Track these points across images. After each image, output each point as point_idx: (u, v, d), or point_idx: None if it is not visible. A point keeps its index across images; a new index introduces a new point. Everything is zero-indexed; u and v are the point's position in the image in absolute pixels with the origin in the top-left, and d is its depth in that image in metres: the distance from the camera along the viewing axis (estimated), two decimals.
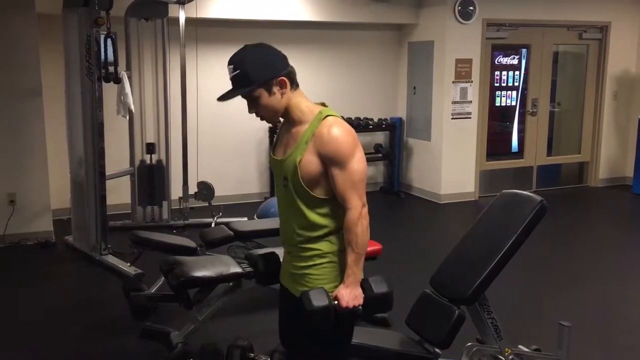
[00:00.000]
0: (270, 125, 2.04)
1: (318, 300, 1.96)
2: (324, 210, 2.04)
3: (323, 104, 2.09)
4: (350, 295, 2.00)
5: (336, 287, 2.05)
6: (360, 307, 2.03)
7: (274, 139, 2.21)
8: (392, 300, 2.12)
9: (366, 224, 2.02)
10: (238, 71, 1.98)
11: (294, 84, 2.04)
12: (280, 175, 2.08)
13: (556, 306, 4.16)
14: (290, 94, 2.03)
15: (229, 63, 2.01)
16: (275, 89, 1.99)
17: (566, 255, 5.37)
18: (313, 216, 2.04)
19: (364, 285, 2.06)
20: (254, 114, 2.07)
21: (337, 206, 2.04)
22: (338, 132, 1.98)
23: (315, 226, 2.05)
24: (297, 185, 2.01)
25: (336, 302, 1.99)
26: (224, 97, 2.04)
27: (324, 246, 2.06)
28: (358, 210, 1.99)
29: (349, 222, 2.00)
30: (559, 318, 3.09)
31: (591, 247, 5.66)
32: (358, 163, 2.00)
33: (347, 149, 1.98)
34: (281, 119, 2.13)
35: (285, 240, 2.18)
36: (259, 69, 1.97)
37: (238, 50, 2.03)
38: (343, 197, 1.99)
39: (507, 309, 3.66)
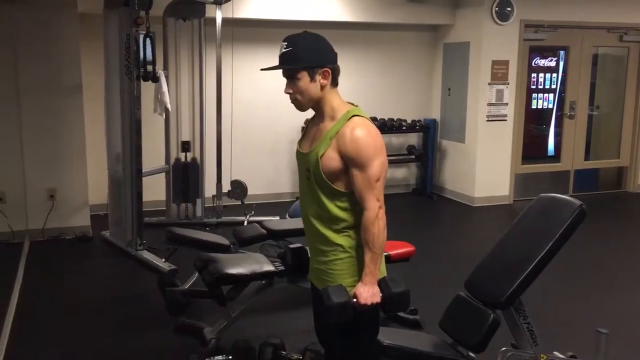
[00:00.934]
0: (301, 111, 2.12)
1: (337, 297, 2.00)
2: (344, 204, 2.08)
3: (353, 104, 2.12)
4: (368, 292, 2.03)
5: (356, 281, 2.09)
6: (378, 305, 2.07)
7: (302, 133, 2.26)
8: (409, 299, 2.13)
9: (383, 224, 2.05)
10: (290, 49, 2.04)
11: (335, 82, 2.09)
12: (304, 167, 2.13)
13: (593, 312, 4.07)
14: (329, 89, 2.07)
15: (284, 40, 2.07)
16: (318, 77, 2.04)
17: (603, 261, 5.26)
18: (333, 209, 2.08)
19: (382, 283, 2.09)
20: (288, 97, 2.12)
21: (357, 201, 2.07)
22: (360, 134, 2.01)
23: (335, 219, 2.09)
24: (319, 178, 2.06)
25: (355, 299, 2.03)
26: (267, 69, 2.13)
27: (343, 240, 2.10)
28: (375, 211, 2.02)
29: (366, 222, 2.03)
30: (596, 324, 3.03)
31: (629, 253, 5.53)
32: (378, 166, 2.02)
33: (368, 152, 2.01)
34: (311, 112, 2.17)
35: (307, 235, 2.23)
36: (310, 53, 2.03)
37: (297, 33, 2.09)
38: (361, 197, 2.04)
39: (543, 314, 3.60)
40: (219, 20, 5.86)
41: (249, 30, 6.56)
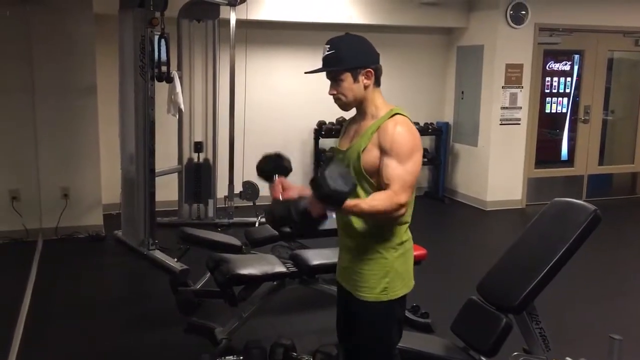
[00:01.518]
0: (344, 111, 2.10)
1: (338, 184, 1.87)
2: None
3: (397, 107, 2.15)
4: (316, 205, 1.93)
5: (388, 283, 2.08)
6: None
7: (340, 132, 2.27)
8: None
9: (390, 208, 1.96)
10: (333, 51, 2.06)
11: (378, 82, 2.12)
12: (344, 163, 2.12)
13: (606, 318, 4.03)
14: (372, 89, 2.10)
15: (327, 43, 2.09)
16: (361, 77, 2.07)
17: (617, 266, 5.21)
18: None
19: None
20: (332, 97, 2.12)
21: None
22: (402, 129, 2.03)
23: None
24: (359, 172, 2.06)
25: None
26: (311, 71, 2.13)
27: (375, 241, 2.09)
28: (400, 199, 1.96)
29: (383, 192, 1.97)
30: (609, 330, 3.00)
31: None
32: (413, 164, 2.02)
33: (407, 147, 2.01)
34: (354, 111, 2.18)
35: (341, 234, 2.21)
36: (353, 54, 2.06)
37: (339, 35, 2.11)
38: (389, 184, 1.98)
39: (555, 319, 3.57)
40: (232, 22, 5.88)
41: (262, 32, 6.58)
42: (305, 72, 2.19)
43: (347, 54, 2.05)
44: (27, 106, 5.38)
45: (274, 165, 2.32)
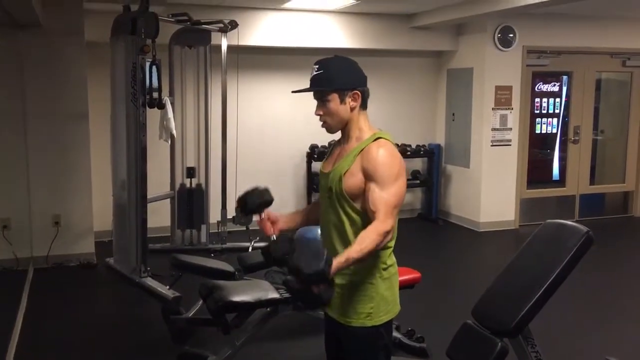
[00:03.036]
0: (330, 133, 2.13)
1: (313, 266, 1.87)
2: (363, 224, 2.05)
3: (380, 130, 2.16)
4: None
5: (372, 308, 2.07)
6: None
7: (326, 155, 2.28)
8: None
9: (382, 244, 1.97)
10: (321, 71, 2.07)
11: (364, 104, 2.13)
12: (326, 187, 2.13)
13: (601, 340, 4.02)
14: (358, 111, 2.11)
15: (315, 63, 2.10)
16: (348, 99, 2.08)
17: (611, 287, 5.20)
18: (352, 229, 2.06)
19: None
20: (317, 118, 2.14)
21: None
22: (384, 154, 2.03)
23: (353, 241, 2.04)
24: (340, 195, 2.06)
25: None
26: (298, 91, 2.15)
27: (359, 266, 2.06)
28: (387, 227, 1.96)
29: (372, 229, 1.96)
30: (604, 353, 2.99)
31: (636, 279, 5.47)
32: (398, 188, 2.02)
33: (390, 172, 2.01)
34: (339, 134, 2.19)
35: None
36: (341, 75, 2.07)
37: (328, 57, 2.13)
38: (374, 210, 1.98)
39: (551, 342, 3.55)
40: (224, 48, 5.92)
41: (254, 57, 6.63)
42: (293, 91, 2.21)
43: (335, 75, 2.06)
44: (19, 133, 5.36)
45: (259, 202, 2.31)
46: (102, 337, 4.09)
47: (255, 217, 2.30)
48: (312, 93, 2.12)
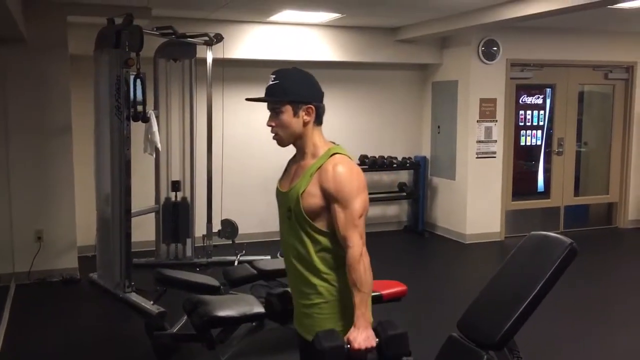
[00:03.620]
0: (281, 146, 2.13)
1: (328, 341, 1.92)
2: (327, 244, 2.04)
3: (334, 143, 2.13)
4: (362, 336, 1.95)
5: (343, 326, 2.03)
6: (374, 349, 1.99)
7: (283, 172, 2.24)
8: (408, 342, 2.06)
9: (367, 262, 2.00)
10: (277, 82, 2.05)
11: (319, 120, 2.10)
12: (285, 206, 2.10)
13: (586, 351, 4.03)
14: (312, 126, 2.08)
15: (272, 73, 2.08)
16: (302, 112, 2.05)
17: (595, 299, 5.22)
18: (316, 249, 2.04)
19: (377, 327, 2.02)
20: (269, 130, 2.11)
21: (337, 241, 2.03)
22: (342, 170, 2.00)
23: (318, 260, 2.04)
24: (300, 216, 2.03)
25: (348, 345, 1.95)
26: (252, 99, 2.13)
27: (327, 283, 2.05)
28: (359, 248, 1.98)
29: (351, 261, 1.98)
30: None
31: (621, 290, 5.51)
32: (360, 203, 2.00)
33: (351, 188, 1.99)
34: (293, 149, 2.16)
35: (290, 279, 2.19)
36: (296, 88, 2.05)
37: (286, 68, 2.11)
38: (344, 235, 1.99)
39: (536, 354, 3.55)
40: (209, 61, 5.92)
41: (239, 70, 6.63)
42: (247, 99, 2.18)
43: (290, 87, 2.04)
44: (1, 146, 5.30)
45: None
46: (85, 353, 4.03)
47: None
48: (266, 103, 2.09)
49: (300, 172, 2.08)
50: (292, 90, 2.03)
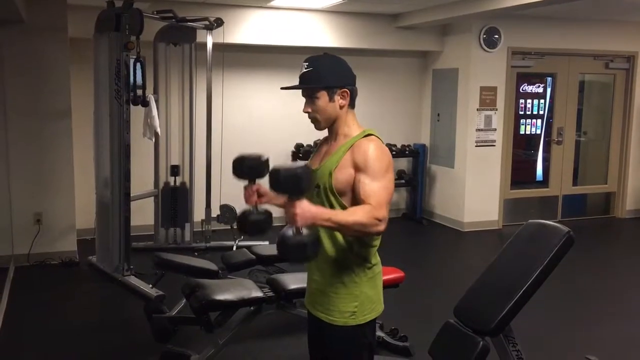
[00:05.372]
0: (318, 129, 2.10)
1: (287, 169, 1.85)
2: None
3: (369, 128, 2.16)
4: (307, 210, 1.84)
5: (356, 307, 2.07)
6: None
7: (312, 152, 2.27)
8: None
9: (369, 221, 1.91)
10: (311, 69, 2.08)
11: (353, 103, 2.14)
12: (313, 184, 2.09)
13: (582, 340, 4.06)
14: (346, 109, 2.12)
15: (305, 61, 2.10)
16: (337, 97, 2.08)
17: (592, 288, 5.25)
18: None
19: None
20: (306, 115, 2.12)
21: None
22: (375, 147, 2.04)
23: (340, 239, 2.06)
24: (329, 191, 2.05)
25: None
26: (287, 88, 2.15)
27: (344, 263, 2.07)
28: (376, 213, 1.91)
29: (362, 206, 1.92)
30: (585, 352, 3.02)
31: (618, 280, 5.54)
32: (388, 181, 2.02)
33: (382, 165, 2.01)
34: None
35: None
36: (330, 73, 2.08)
37: (318, 54, 2.13)
38: (364, 200, 1.95)
39: (532, 342, 3.58)
40: (209, 45, 5.90)
41: (239, 55, 6.61)
42: (282, 88, 2.21)
43: (324, 73, 2.07)
44: (0, 129, 5.30)
45: (258, 170, 2.18)
46: (84, 335, 4.05)
47: (244, 183, 2.23)
48: (300, 90, 2.12)
49: (331, 151, 2.11)
50: (326, 76, 2.07)
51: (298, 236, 1.83)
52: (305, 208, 1.83)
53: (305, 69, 2.08)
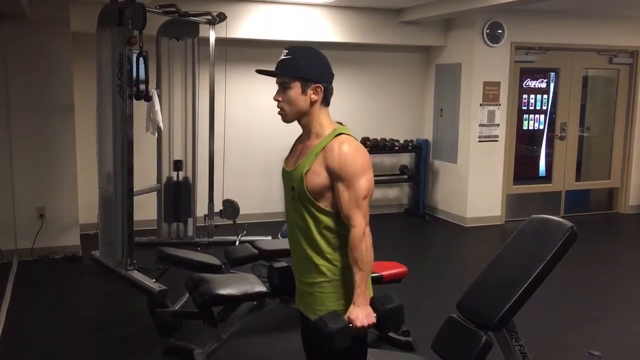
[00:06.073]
0: (285, 122, 2.13)
1: (334, 323, 1.95)
2: (330, 224, 2.04)
3: (340, 124, 2.13)
4: (362, 314, 1.98)
5: (344, 305, 2.06)
6: (374, 324, 2.03)
7: (289, 151, 2.24)
8: (403, 314, 2.09)
9: (370, 242, 2.01)
10: (290, 57, 2.05)
11: (326, 101, 2.09)
12: (289, 185, 2.11)
13: (585, 335, 4.06)
14: (319, 106, 2.08)
15: (286, 48, 2.08)
16: (310, 91, 2.05)
17: (595, 283, 5.25)
18: (319, 229, 2.05)
19: (374, 302, 2.04)
20: (276, 104, 2.12)
21: (341, 222, 2.04)
22: (348, 150, 2.00)
23: (321, 240, 2.05)
24: (303, 195, 2.03)
25: (350, 324, 1.98)
26: (262, 72, 2.13)
27: (327, 263, 2.06)
28: (362, 228, 1.99)
29: (354, 240, 1.99)
30: (588, 347, 3.02)
31: (621, 275, 5.53)
32: (365, 182, 2.00)
33: (355, 167, 1.99)
34: (297, 130, 2.16)
35: (293, 257, 2.20)
36: (308, 66, 2.04)
37: (300, 45, 2.11)
38: (348, 215, 2.00)
39: (535, 336, 3.58)
40: (212, 40, 5.89)
41: (242, 50, 6.60)
42: (256, 70, 2.18)
43: (302, 64, 2.03)
44: (2, 125, 5.30)
45: None
46: (87, 330, 4.07)
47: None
48: (276, 78, 2.09)
49: (305, 152, 2.08)
50: (303, 67, 2.03)
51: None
52: (362, 316, 1.97)
53: (284, 56, 2.05)
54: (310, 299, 2.11)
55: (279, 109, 2.10)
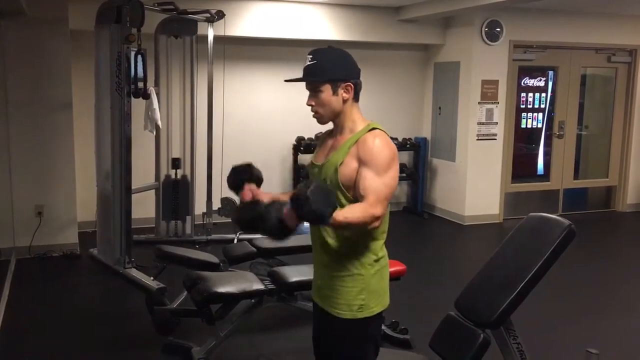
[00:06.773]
0: (320, 123, 2.07)
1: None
2: None
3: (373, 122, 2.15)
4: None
5: (364, 300, 2.06)
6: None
7: (317, 146, 2.26)
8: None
9: (364, 220, 1.93)
10: (315, 62, 2.06)
11: (357, 96, 2.12)
12: (320, 178, 2.11)
13: (583, 333, 4.06)
14: (350, 103, 2.10)
15: (309, 53, 2.08)
16: (341, 90, 2.07)
17: (593, 281, 5.26)
18: None
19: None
20: (309, 108, 2.11)
21: None
22: (381, 143, 2.02)
23: (344, 233, 2.05)
24: (335, 185, 2.04)
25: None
26: (290, 80, 2.13)
27: (350, 257, 2.07)
28: (372, 211, 1.93)
29: (358, 204, 1.94)
30: (586, 345, 3.02)
31: (618, 273, 5.54)
32: (391, 178, 2.01)
33: (385, 160, 2.00)
34: (328, 126, 2.17)
35: (315, 251, 2.19)
36: (334, 66, 2.06)
37: (323, 47, 2.12)
38: (363, 196, 1.96)
39: (532, 334, 3.58)
40: (210, 38, 5.89)
41: (240, 48, 6.59)
42: (285, 80, 2.19)
43: (328, 66, 2.05)
44: (1, 122, 5.28)
45: (243, 176, 2.27)
46: (85, 327, 4.07)
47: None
48: (304, 83, 2.10)
49: (337, 145, 2.10)
50: (330, 69, 2.05)
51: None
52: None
53: (310, 61, 2.07)
54: (329, 292, 2.12)
55: (313, 113, 2.12)
